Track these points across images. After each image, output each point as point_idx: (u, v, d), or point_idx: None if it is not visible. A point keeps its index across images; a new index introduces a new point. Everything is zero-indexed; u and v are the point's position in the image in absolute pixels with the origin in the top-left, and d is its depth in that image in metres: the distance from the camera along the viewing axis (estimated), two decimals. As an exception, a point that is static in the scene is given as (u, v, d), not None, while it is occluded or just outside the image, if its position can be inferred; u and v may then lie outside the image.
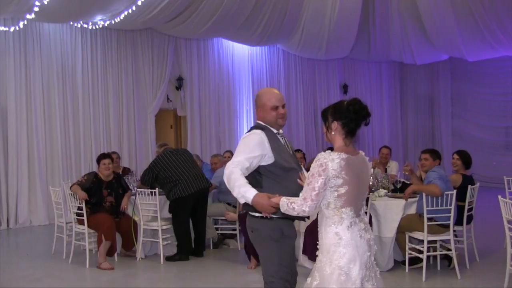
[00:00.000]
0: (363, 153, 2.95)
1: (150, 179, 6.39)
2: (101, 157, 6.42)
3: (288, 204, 2.76)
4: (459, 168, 5.88)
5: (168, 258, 6.31)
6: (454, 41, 12.65)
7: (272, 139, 3.24)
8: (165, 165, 6.35)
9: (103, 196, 6.20)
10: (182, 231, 6.34)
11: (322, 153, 2.75)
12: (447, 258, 5.70)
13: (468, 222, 5.74)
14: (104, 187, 6.24)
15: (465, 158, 5.89)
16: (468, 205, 5.62)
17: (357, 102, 2.76)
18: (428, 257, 5.43)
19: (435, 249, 5.62)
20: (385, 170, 7.62)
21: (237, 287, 5.34)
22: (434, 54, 14.08)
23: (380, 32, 12.94)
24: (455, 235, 5.66)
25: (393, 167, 8.04)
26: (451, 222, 5.24)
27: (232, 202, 6.92)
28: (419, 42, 13.29)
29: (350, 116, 2.74)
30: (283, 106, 3.31)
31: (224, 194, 6.86)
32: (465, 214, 5.58)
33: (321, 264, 2.76)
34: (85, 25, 9.98)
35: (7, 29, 9.15)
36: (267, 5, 10.78)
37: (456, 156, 5.96)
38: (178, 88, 11.69)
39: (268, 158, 3.18)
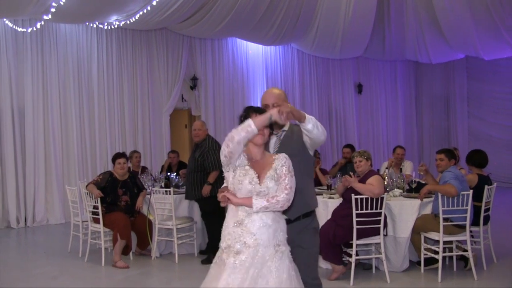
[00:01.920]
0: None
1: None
2: (116, 157, 6.48)
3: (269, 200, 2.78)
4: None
5: (205, 261, 6.03)
6: (470, 39, 12.50)
7: None
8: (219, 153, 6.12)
9: (118, 195, 6.26)
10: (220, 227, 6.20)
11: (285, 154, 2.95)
12: (463, 259, 5.65)
13: (485, 222, 5.68)
14: (119, 186, 6.29)
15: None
16: (485, 206, 5.56)
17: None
18: (444, 257, 5.37)
19: (451, 250, 5.58)
20: (400, 170, 7.57)
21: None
22: (450, 53, 13.94)
23: (395, 31, 12.84)
24: (472, 236, 5.61)
25: (407, 167, 7.97)
26: (468, 222, 5.19)
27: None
28: (434, 41, 13.16)
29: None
30: (267, 106, 3.26)
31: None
32: (482, 214, 5.52)
33: None
34: (100, 26, 10.07)
35: (24, 30, 9.27)
36: (281, 4, 10.77)
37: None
38: (193, 87, 11.73)
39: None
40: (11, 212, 9.09)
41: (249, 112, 2.95)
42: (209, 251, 6.19)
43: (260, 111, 2.95)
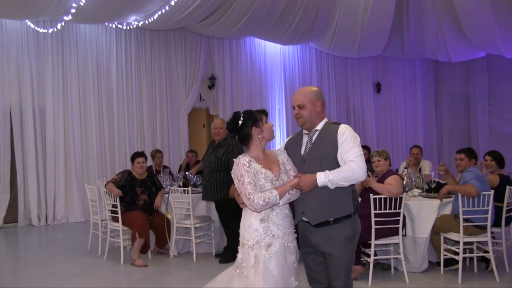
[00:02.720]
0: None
1: None
2: (135, 156, 6.52)
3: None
4: (494, 169, 5.73)
5: (222, 261, 6.03)
6: (492, 37, 12.31)
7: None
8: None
9: (136, 194, 6.30)
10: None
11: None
12: (484, 261, 5.57)
13: (507, 223, 5.58)
14: (138, 185, 6.34)
15: (499, 158, 5.74)
16: (507, 206, 5.46)
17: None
18: (464, 259, 5.31)
19: (471, 251, 5.50)
20: (419, 170, 7.49)
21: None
22: (470, 51, 13.73)
23: (414, 29, 12.70)
24: (493, 237, 5.52)
25: (426, 167, 7.89)
26: (489, 223, 5.11)
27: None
28: (454, 39, 12.98)
29: None
30: (295, 107, 3.23)
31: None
32: (504, 215, 5.43)
33: None
34: (119, 26, 10.17)
35: (46, 30, 9.41)
36: (299, 4, 10.74)
37: (488, 157, 5.81)
38: (211, 87, 11.77)
39: None
40: (33, 210, 9.23)
41: (255, 114, 3.18)
42: (228, 251, 6.15)
43: (263, 112, 3.23)
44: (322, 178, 2.97)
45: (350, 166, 2.98)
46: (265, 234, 3.01)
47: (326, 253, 3.11)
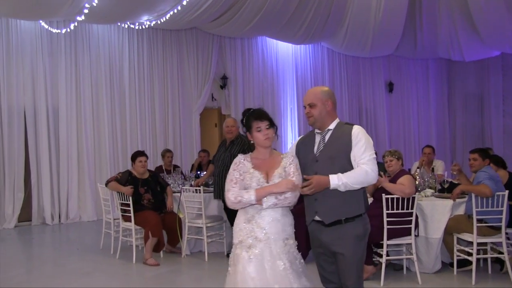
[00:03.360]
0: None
1: None
2: (137, 154, 6.47)
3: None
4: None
5: None
6: (506, 35, 12.17)
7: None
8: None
9: (140, 193, 6.30)
10: None
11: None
12: (499, 262, 5.51)
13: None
14: (140, 184, 6.34)
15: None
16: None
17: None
18: (478, 260, 5.26)
19: (485, 252, 5.44)
20: (432, 170, 7.43)
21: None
22: (484, 50, 13.59)
23: (427, 28, 12.61)
24: (507, 238, 5.46)
25: (438, 167, 7.83)
26: (503, 224, 5.05)
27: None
28: (468, 38, 12.85)
29: None
30: (305, 106, 3.26)
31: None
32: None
33: None
34: (132, 26, 10.22)
35: (59, 31, 9.49)
36: (311, 3, 10.71)
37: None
38: (223, 86, 11.78)
39: None
40: (46, 209, 9.32)
41: (250, 120, 3.18)
42: None
43: (260, 117, 3.17)
44: (336, 181, 2.98)
45: (363, 169, 3.00)
46: (248, 235, 3.02)
47: (338, 252, 3.11)
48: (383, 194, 5.00)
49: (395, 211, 4.99)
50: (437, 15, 12.20)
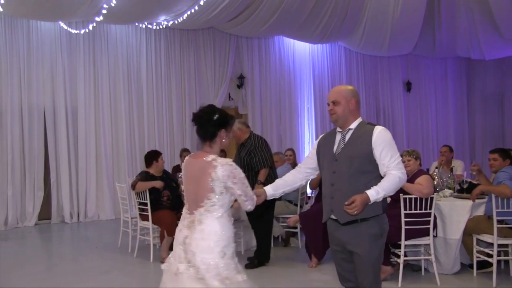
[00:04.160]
0: (211, 158, 2.94)
1: (270, 160, 5.89)
2: (157, 154, 6.55)
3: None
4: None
5: (249, 266, 5.82)
6: (528, 33, 11.97)
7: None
8: (267, 149, 5.93)
9: (159, 191, 6.32)
10: (269, 233, 6.06)
11: None
12: (519, 263, 5.42)
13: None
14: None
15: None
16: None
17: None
18: (498, 261, 5.18)
19: (506, 253, 5.35)
20: (451, 170, 7.35)
21: (299, 286, 5.33)
22: (505, 48, 13.35)
23: (446, 26, 12.44)
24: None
25: (458, 167, 7.74)
26: (524, 225, 4.98)
27: (293, 200, 6.89)
28: (488, 36, 12.64)
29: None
30: (329, 104, 3.25)
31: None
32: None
33: None
34: (149, 26, 10.29)
35: (78, 31, 9.59)
36: (328, 2, 10.66)
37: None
38: (240, 86, 11.80)
39: None
40: (65, 208, 9.44)
41: (221, 120, 3.01)
42: (256, 256, 6.03)
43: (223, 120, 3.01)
44: (375, 196, 2.97)
45: (395, 176, 3.02)
46: (228, 242, 2.96)
47: (354, 252, 3.11)
48: (400, 194, 4.95)
49: (413, 211, 4.95)
50: (456, 12, 12.03)
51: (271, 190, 3.31)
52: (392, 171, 3.02)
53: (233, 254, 2.94)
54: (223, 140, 3.03)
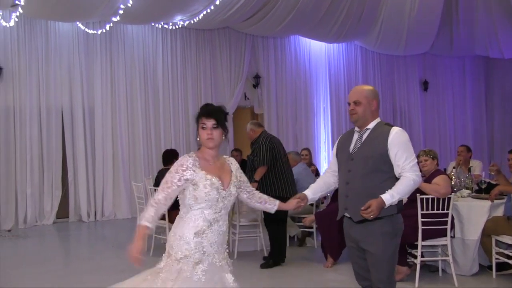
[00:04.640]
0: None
1: (270, 159, 5.82)
2: (176, 153, 6.73)
3: None
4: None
5: (264, 265, 5.87)
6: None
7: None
8: (277, 150, 5.91)
9: None
10: (283, 232, 6.06)
11: None
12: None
13: None
14: None
15: None
16: None
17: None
18: (518, 263, 5.11)
19: (525, 255, 5.28)
20: (469, 170, 7.26)
21: (315, 286, 5.31)
22: (524, 46, 13.18)
23: (463, 24, 12.28)
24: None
25: (476, 167, 7.65)
26: (544, 226, 4.89)
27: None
28: (507, 33, 12.44)
29: None
30: (350, 103, 3.26)
31: (300, 192, 6.75)
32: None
33: None
34: (165, 26, 10.34)
35: (95, 32, 9.68)
36: (344, 1, 10.61)
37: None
38: (255, 86, 11.80)
39: None
40: (82, 207, 9.53)
41: (199, 114, 3.09)
42: (270, 256, 6.02)
43: (208, 114, 3.05)
44: (390, 200, 3.00)
45: (409, 179, 3.04)
46: (196, 249, 2.82)
47: (367, 250, 3.14)
48: (417, 194, 4.91)
49: (430, 211, 4.90)
50: (474, 10, 11.86)
51: (311, 194, 3.40)
52: (406, 173, 3.04)
53: (182, 259, 2.85)
54: (197, 139, 3.06)
